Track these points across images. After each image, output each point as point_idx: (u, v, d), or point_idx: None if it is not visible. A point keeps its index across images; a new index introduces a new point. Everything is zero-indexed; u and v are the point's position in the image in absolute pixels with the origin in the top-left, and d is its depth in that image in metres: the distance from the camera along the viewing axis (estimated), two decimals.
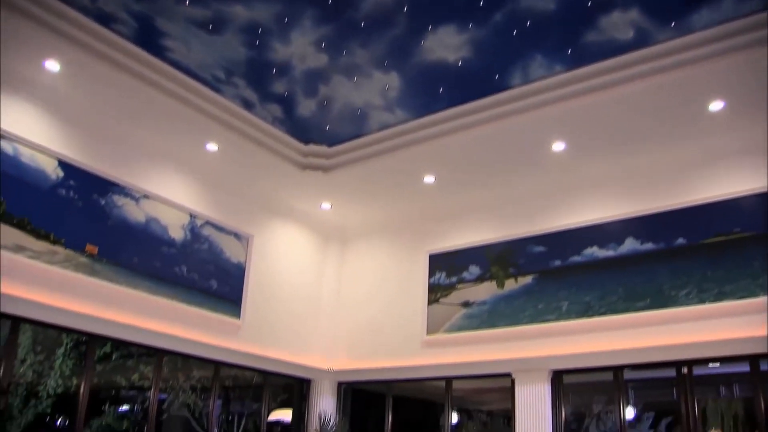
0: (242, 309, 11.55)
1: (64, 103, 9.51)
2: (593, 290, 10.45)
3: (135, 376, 12.11)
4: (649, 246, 10.16)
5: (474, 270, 11.82)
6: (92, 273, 9.50)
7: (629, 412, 12.49)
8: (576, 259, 10.78)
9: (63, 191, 9.41)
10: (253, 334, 11.59)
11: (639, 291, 10.05)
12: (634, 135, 9.91)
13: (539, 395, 10.41)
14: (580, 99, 9.20)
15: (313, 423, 12.33)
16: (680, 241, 9.91)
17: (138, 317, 9.92)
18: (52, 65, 8.88)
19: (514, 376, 10.72)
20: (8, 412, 10.29)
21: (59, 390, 11.03)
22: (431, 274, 12.30)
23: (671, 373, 9.90)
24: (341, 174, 11.51)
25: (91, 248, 9.53)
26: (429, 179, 11.47)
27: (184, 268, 10.82)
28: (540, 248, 11.20)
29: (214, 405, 11.45)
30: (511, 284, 11.36)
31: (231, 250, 11.64)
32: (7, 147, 8.82)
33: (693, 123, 9.54)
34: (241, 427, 13.70)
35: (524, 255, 11.33)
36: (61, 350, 11.20)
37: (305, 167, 11.39)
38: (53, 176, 9.30)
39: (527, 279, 11.21)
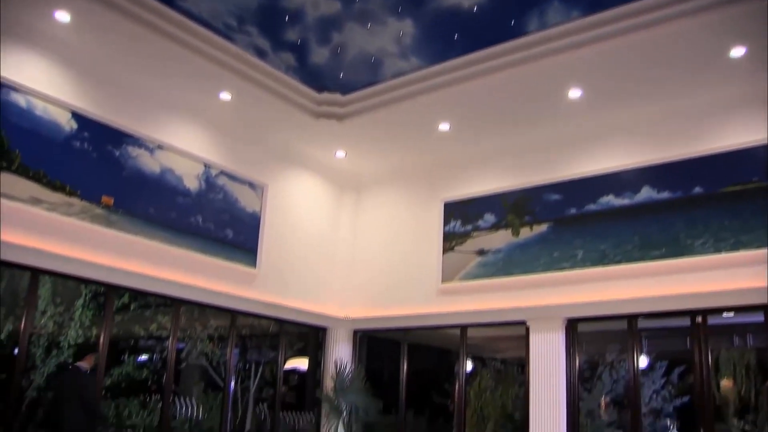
0: (258, 258, 11.60)
1: (75, 54, 9.45)
2: (608, 239, 10.41)
3: (153, 326, 12.23)
4: (665, 195, 10.07)
5: (489, 218, 11.79)
6: (108, 224, 9.56)
7: (642, 361, 12.57)
8: (591, 207, 10.71)
9: (77, 143, 9.41)
10: (269, 283, 11.67)
11: (654, 240, 10.00)
12: (652, 82, 9.76)
13: (553, 343, 10.47)
14: (597, 45, 9.05)
15: (329, 371, 12.48)
16: (697, 189, 9.82)
17: (155, 267, 10.01)
18: (62, 16, 8.81)
19: (528, 324, 10.78)
20: (32, 360, 10.50)
21: (80, 340, 11.17)
22: (446, 222, 12.27)
23: (685, 322, 9.91)
24: (355, 122, 11.42)
25: (106, 199, 9.57)
26: (444, 127, 11.37)
27: (200, 218, 10.85)
28: (555, 196, 11.13)
29: (232, 354, 11.60)
30: (526, 232, 11.32)
31: (246, 200, 11.64)
32: (20, 100, 8.80)
33: (712, 70, 9.37)
34: (258, 375, 13.86)
35: (540, 203, 11.27)
36: (80, 301, 11.30)
37: (319, 116, 11.31)
38: (67, 128, 9.29)
39: (542, 227, 11.17)
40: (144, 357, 12.34)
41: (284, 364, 12.59)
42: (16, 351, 9.04)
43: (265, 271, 11.64)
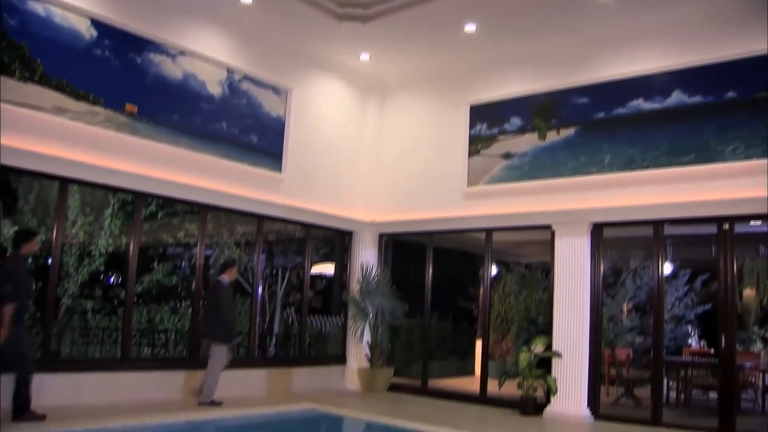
0: (283, 163, 11.62)
1: None
2: (637, 143, 10.25)
3: (181, 234, 12.41)
4: (697, 99, 9.83)
5: (515, 121, 11.63)
6: (133, 132, 9.59)
7: (667, 268, 12.58)
8: (620, 111, 10.50)
9: (98, 51, 9.32)
10: (295, 187, 11.72)
11: (684, 145, 9.84)
12: None
13: (579, 248, 10.47)
14: None
15: (355, 274, 12.66)
16: (730, 94, 9.56)
17: (181, 174, 10.07)
18: None
19: (554, 228, 10.75)
20: (65, 270, 10.77)
21: (110, 249, 11.38)
22: (472, 125, 12.13)
23: (711, 229, 9.83)
24: (380, 24, 11.12)
25: (130, 107, 9.55)
26: (470, 27, 11.06)
27: (224, 124, 10.82)
28: (584, 99, 10.92)
29: (259, 259, 11.75)
30: (552, 136, 11.17)
31: (270, 105, 11.56)
32: (38, 8, 8.69)
33: None
34: (285, 280, 14.10)
35: (567, 106, 11.07)
36: (109, 211, 11.47)
37: (343, 18, 11.04)
38: (87, 36, 9.19)
39: (569, 131, 11.01)
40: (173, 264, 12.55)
41: (311, 268, 12.75)
42: (49, 261, 9.21)
43: (290, 176, 11.66)
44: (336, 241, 13.68)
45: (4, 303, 7.41)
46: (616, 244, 12.86)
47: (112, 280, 11.80)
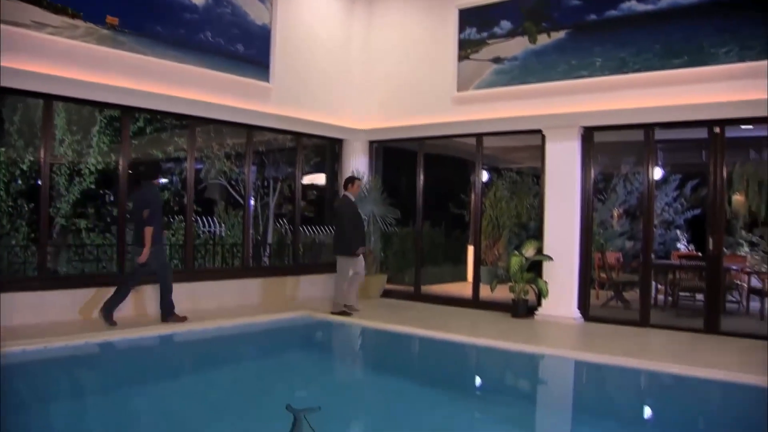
0: (271, 72, 11.43)
1: None
2: (629, 46, 10.09)
3: (170, 148, 12.29)
4: (691, 0, 9.64)
5: (505, 24, 11.41)
6: (116, 45, 9.35)
7: (657, 173, 12.61)
8: (612, 13, 10.30)
9: None
10: (283, 96, 11.58)
11: (677, 48, 9.69)
12: None
13: (569, 152, 10.48)
14: None
15: None
16: None
17: (167, 86, 9.92)
18: None
19: (544, 132, 10.73)
20: (56, 190, 10.77)
21: (100, 166, 11.29)
22: (461, 29, 11.90)
23: (702, 134, 9.81)
24: None
25: (111, 20, 9.29)
26: None
27: (209, 34, 10.59)
28: (575, 1, 10.69)
29: (249, 170, 11.72)
30: (543, 39, 10.98)
31: (255, 12, 11.29)
32: None
33: None
34: (277, 191, 14.08)
35: (558, 8, 10.84)
36: (96, 128, 11.31)
37: None
38: None
39: (560, 34, 10.82)
40: (164, 180, 12.47)
41: (302, 178, 12.74)
42: (39, 181, 9.18)
43: (279, 86, 11.51)
44: (327, 150, 13.62)
45: (145, 226, 8.81)
46: (607, 149, 12.85)
47: (105, 197, 11.72)
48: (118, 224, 10.02)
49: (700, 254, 12.24)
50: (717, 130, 9.58)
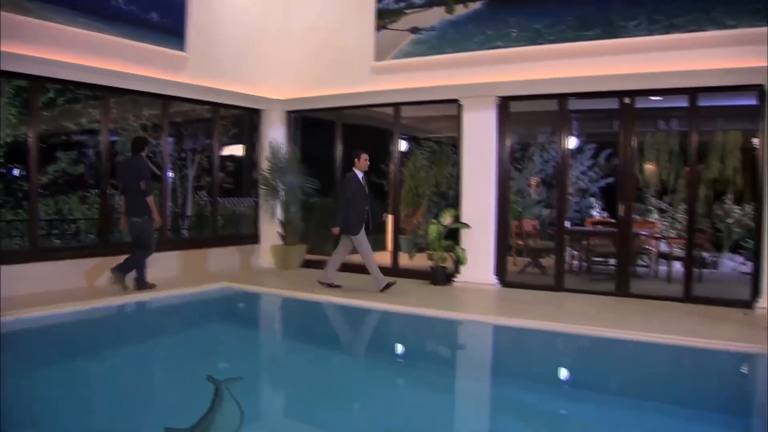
0: (186, 41, 11.16)
1: None
2: (544, 18, 10.26)
3: (84, 120, 11.92)
4: None
5: None
6: (22, 11, 8.91)
7: (572, 142, 12.92)
8: None
9: None
10: (200, 66, 11.34)
11: (589, 20, 9.92)
12: None
13: (485, 121, 10.64)
14: None
15: (265, 153, 12.56)
16: None
17: (78, 56, 9.54)
18: None
19: (461, 101, 10.86)
20: None
21: (9, 140, 10.86)
22: None
23: (613, 104, 10.11)
24: None
25: None
26: None
27: (122, 1, 10.25)
28: None
29: (166, 142, 11.50)
30: (460, 9, 11.04)
31: None
32: None
33: None
34: (195, 163, 13.89)
35: None
36: (3, 99, 10.86)
37: None
38: None
39: (477, 4, 10.90)
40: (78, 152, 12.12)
41: (220, 150, 12.59)
42: None
43: (195, 55, 11.26)
44: (245, 120, 13.47)
45: (144, 196, 9.28)
46: (524, 119, 13.09)
47: (15, 172, 11.33)
48: (29, 199, 9.66)
49: (613, 221, 12.61)
50: (627, 100, 9.91)
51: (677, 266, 11.14)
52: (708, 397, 6.10)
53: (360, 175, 10.16)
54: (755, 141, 9.38)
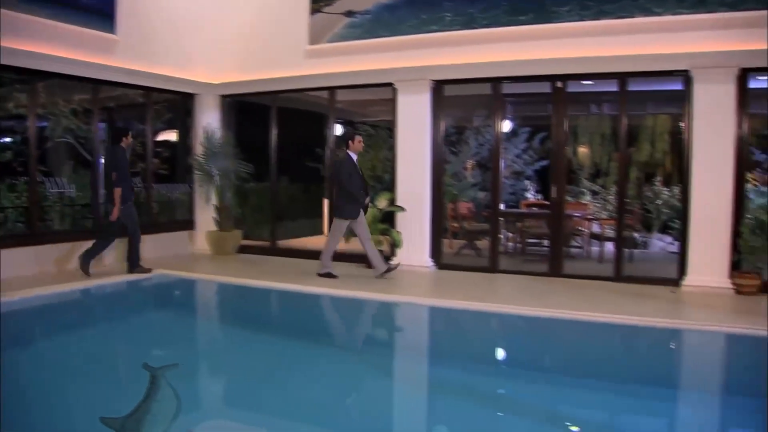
0: (117, 23, 10.88)
1: None
2: (478, 2, 10.35)
3: (11, 105, 11.51)
4: None
5: None
6: None
7: (506, 126, 13.09)
8: None
9: None
10: (131, 49, 11.07)
11: (523, 5, 10.06)
12: None
13: (420, 105, 10.70)
14: None
15: (199, 138, 12.40)
16: None
17: (2, 38, 9.19)
18: None
19: (396, 85, 10.89)
20: None
21: None
22: None
23: (547, 88, 10.26)
24: None
25: None
26: None
27: None
28: None
29: (97, 128, 11.25)
30: None
31: None
32: None
33: None
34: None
35: None
36: None
37: None
38: None
39: None
40: (6, 139, 11.73)
41: (154, 136, 12.40)
42: None
43: (126, 38, 10.99)
44: (178, 105, 13.25)
45: (114, 187, 9.54)
46: (459, 103, 13.18)
47: None
48: None
49: (546, 203, 12.82)
50: (559, 84, 10.08)
51: (609, 247, 11.38)
52: (637, 372, 6.28)
53: (354, 157, 9.85)
54: (682, 125, 9.64)
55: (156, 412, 3.55)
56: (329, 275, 9.88)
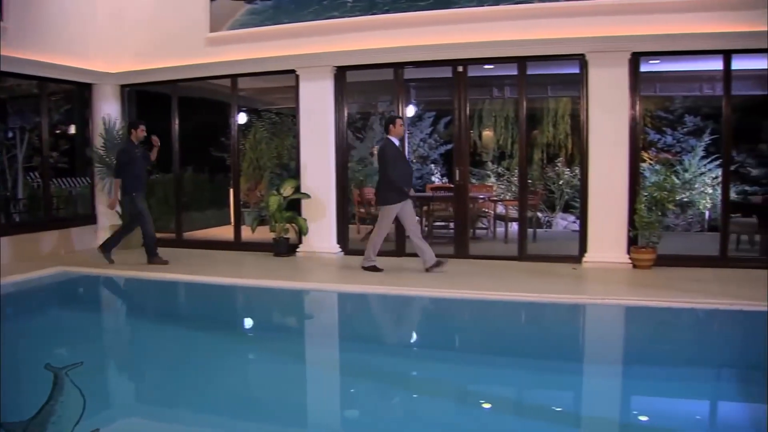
0: (4, 9, 10.35)
1: None
2: None
3: None
4: None
5: None
6: None
7: (411, 111, 13.20)
8: None
9: None
10: (21, 37, 10.56)
11: None
12: None
13: (322, 91, 10.69)
14: None
15: (98, 129, 12.04)
16: None
17: None
18: None
19: (298, 72, 10.83)
20: None
21: None
22: None
23: (449, 73, 10.39)
24: None
25: None
26: None
27: None
28: None
29: None
30: None
31: None
32: None
33: None
34: (25, 143, 13.11)
35: None
36: None
37: None
38: None
39: None
40: None
41: (51, 128, 11.98)
42: None
43: (15, 25, 10.49)
44: (75, 96, 12.82)
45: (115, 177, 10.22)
46: (363, 88, 13.22)
47: None
48: None
49: (452, 186, 13.02)
50: (460, 69, 10.22)
51: (514, 227, 11.63)
52: (539, 346, 6.49)
53: (396, 141, 9.34)
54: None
55: (60, 413, 3.46)
56: (374, 269, 9.40)
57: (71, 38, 11.56)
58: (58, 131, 13.29)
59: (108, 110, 12.12)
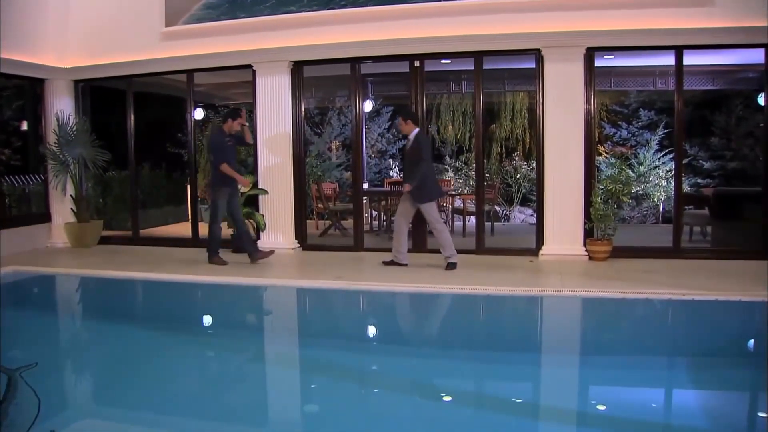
0: None
1: None
2: None
3: None
4: None
5: None
6: None
7: (368, 106, 13.20)
8: None
9: None
10: None
11: None
12: None
13: (279, 86, 10.64)
14: None
15: (51, 125, 11.83)
16: None
17: None
18: None
19: (254, 67, 10.77)
20: None
21: None
22: None
23: (406, 67, 10.41)
24: None
25: None
26: None
27: None
28: None
29: None
30: None
31: None
32: None
33: None
34: None
35: None
36: None
37: None
38: None
39: None
40: None
41: (3, 125, 11.77)
42: None
43: None
44: (27, 92, 12.59)
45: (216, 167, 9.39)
46: (321, 83, 13.19)
47: None
48: None
49: None
50: (417, 63, 10.25)
51: (472, 221, 11.69)
52: (497, 338, 6.60)
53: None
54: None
55: (15, 415, 3.42)
56: (397, 263, 9.23)
57: (20, 32, 11.29)
58: (9, 128, 13.05)
59: (61, 106, 11.90)
